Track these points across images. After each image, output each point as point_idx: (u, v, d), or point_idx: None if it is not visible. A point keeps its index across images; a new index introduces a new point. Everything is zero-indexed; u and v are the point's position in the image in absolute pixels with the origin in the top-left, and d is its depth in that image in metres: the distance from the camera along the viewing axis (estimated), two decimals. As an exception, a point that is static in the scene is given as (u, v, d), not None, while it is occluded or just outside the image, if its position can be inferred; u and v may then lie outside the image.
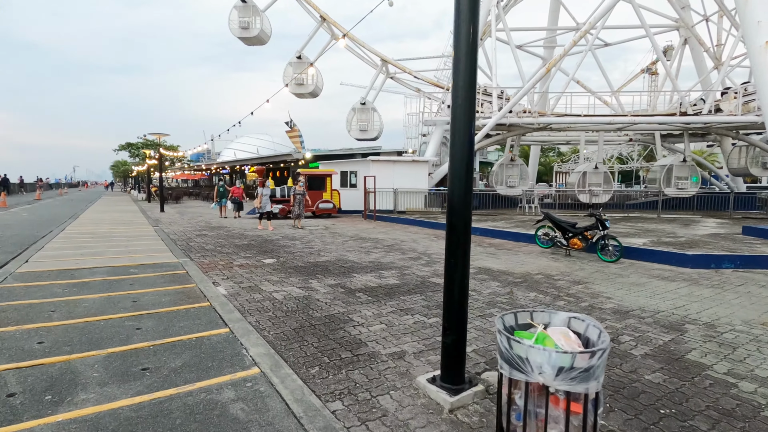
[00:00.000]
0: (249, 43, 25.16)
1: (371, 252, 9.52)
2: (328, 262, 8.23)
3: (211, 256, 8.76)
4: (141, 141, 36.27)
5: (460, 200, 2.99)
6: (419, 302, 5.43)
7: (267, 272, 7.19)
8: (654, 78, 49.05)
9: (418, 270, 7.52)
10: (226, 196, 18.33)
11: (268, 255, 8.96)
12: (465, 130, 2.95)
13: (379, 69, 23.77)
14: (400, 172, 19.23)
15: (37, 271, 6.80)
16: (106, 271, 6.91)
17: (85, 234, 11.69)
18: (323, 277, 6.81)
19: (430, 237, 12.41)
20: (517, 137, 22.72)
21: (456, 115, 2.96)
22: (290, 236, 12.14)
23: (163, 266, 7.45)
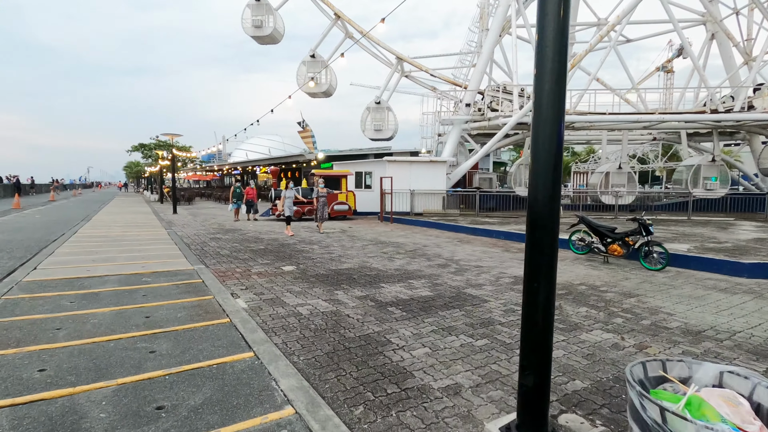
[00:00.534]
0: (262, 42, 24.82)
1: (394, 258, 8.98)
2: (352, 269, 7.71)
3: (227, 262, 8.30)
4: (154, 142, 36.22)
5: (545, 210, 2.43)
6: (460, 319, 4.87)
7: (288, 281, 6.69)
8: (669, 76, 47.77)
9: (449, 279, 6.96)
10: (241, 198, 17.71)
11: (287, 261, 8.47)
12: (553, 126, 2.39)
13: (394, 67, 23.25)
14: (417, 173, 18.67)
15: (45, 280, 6.39)
16: (118, 280, 6.47)
17: (96, 237, 11.34)
18: (349, 288, 6.29)
19: (453, 241, 11.84)
20: (537, 136, 22.03)
21: (541, 106, 2.40)
22: (307, 240, 11.66)
23: (177, 274, 7.00)
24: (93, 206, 25.24)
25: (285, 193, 13.11)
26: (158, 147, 33.77)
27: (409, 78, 24.81)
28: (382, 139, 24.27)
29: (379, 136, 23.88)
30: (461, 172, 19.81)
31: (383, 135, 23.82)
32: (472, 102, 20.22)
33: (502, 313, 5.14)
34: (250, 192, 17.66)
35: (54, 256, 8.41)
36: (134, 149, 36.56)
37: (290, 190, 13.14)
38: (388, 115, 23.72)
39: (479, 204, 18.83)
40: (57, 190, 55.97)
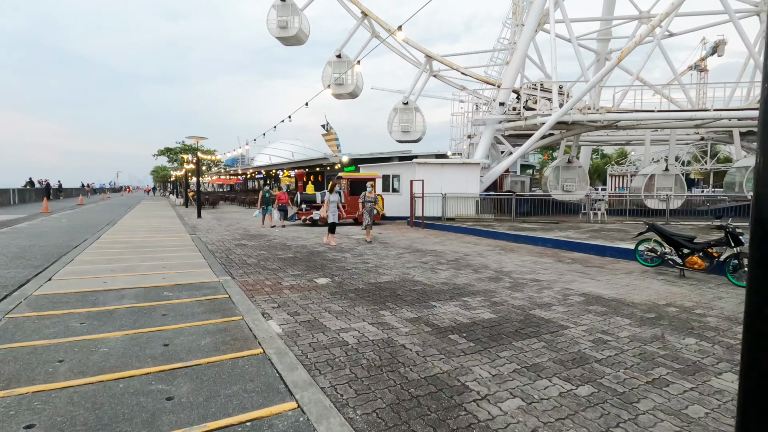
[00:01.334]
0: (287, 44, 24.36)
1: (437, 269, 8.07)
2: (393, 283, 6.84)
3: (255, 273, 7.55)
4: (179, 146, 36.35)
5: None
6: (543, 353, 3.93)
7: (324, 297, 5.86)
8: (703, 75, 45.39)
9: (508, 297, 6.01)
10: (271, 203, 16.54)
11: (320, 272, 7.67)
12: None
13: (423, 67, 22.37)
14: (449, 176, 17.69)
15: (57, 294, 5.75)
16: (136, 295, 5.78)
17: (119, 243, 10.83)
18: (396, 307, 5.42)
19: (495, 249, 10.84)
20: (576, 137, 20.76)
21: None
22: (337, 247, 10.86)
23: (201, 288, 6.27)
24: (119, 210, 25.21)
25: (329, 197, 11.64)
26: (183, 151, 33.82)
27: (437, 77, 23.88)
28: (409, 141, 23.38)
29: (407, 137, 23.01)
30: (495, 174, 18.74)
31: (411, 137, 22.94)
32: (506, 101, 19.16)
33: (591, 345, 4.17)
34: (283, 197, 16.44)
35: (72, 264, 7.84)
36: (160, 153, 36.78)
37: (334, 194, 11.70)
38: (416, 115, 22.83)
39: (515, 209, 17.71)
40: (88, 194, 57.29)
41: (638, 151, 51.08)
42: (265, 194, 16.42)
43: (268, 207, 16.42)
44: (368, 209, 12.19)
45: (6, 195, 27.65)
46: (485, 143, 19.36)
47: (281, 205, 16.29)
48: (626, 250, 9.49)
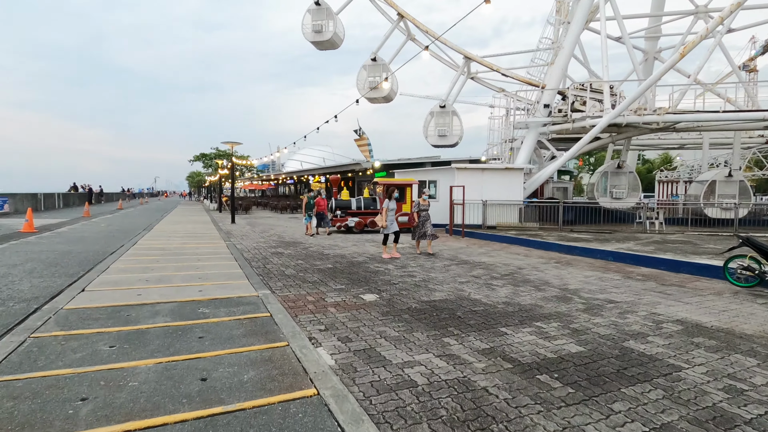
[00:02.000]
0: (321, 48, 24.11)
1: (493, 285, 7.26)
2: (449, 302, 6.09)
3: (296, 286, 6.97)
4: (213, 152, 36.90)
5: None
6: (669, 407, 3.09)
7: (375, 318, 5.18)
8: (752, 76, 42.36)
9: (588, 323, 5.15)
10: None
11: (364, 286, 7.01)
12: None
13: (461, 69, 21.58)
14: (490, 182, 16.77)
15: (88, 308, 5.31)
16: (171, 311, 5.27)
17: (154, 250, 10.55)
18: (461, 333, 4.67)
19: (549, 262, 9.90)
20: (626, 141, 19.40)
21: None
22: (376, 257, 10.19)
23: (240, 303, 5.72)
24: (156, 215, 25.54)
25: (387, 204, 10.29)
26: (218, 156, 34.21)
27: (475, 80, 23.02)
28: (446, 145, 22.59)
29: (443, 142, 22.22)
30: (539, 180, 17.67)
31: (448, 141, 22.13)
32: (551, 102, 18.09)
33: (724, 395, 3.29)
34: (322, 203, 15.55)
35: (107, 273, 7.49)
36: (196, 159, 37.44)
37: (392, 201, 10.33)
38: (453, 119, 22.04)
39: (562, 217, 16.57)
40: (128, 199, 59.34)
41: (684, 155, 48.23)
42: (309, 201, 15.28)
43: (312, 214, 15.38)
44: (423, 219, 10.83)
45: (51, 199, 28.61)
46: (528, 147, 18.33)
47: (320, 212, 15.25)
48: (706, 266, 8.37)
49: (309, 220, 15.20)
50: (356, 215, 16.64)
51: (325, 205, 15.45)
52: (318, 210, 15.24)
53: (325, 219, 15.39)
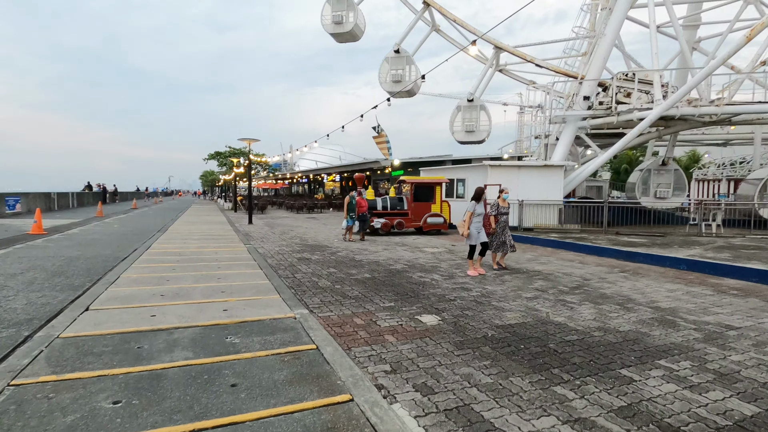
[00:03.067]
0: (341, 40, 23.03)
1: (568, 302, 6.08)
2: (529, 326, 4.94)
3: (336, 303, 5.88)
4: (228, 150, 36.16)
5: None
6: None
7: (450, 353, 4.06)
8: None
9: (725, 360, 3.96)
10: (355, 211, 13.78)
11: (416, 303, 5.89)
12: None
13: (490, 61, 20.29)
14: (527, 180, 15.51)
15: (90, 336, 4.28)
16: (192, 340, 4.21)
17: (170, 255, 9.57)
18: (573, 379, 3.52)
19: (612, 271, 8.68)
20: (672, 136, 17.95)
21: None
22: (415, 264, 9.06)
23: (275, 329, 4.64)
24: (170, 215, 24.76)
25: (473, 208, 8.13)
26: (233, 155, 33.43)
27: (503, 72, 21.69)
28: (473, 141, 21.30)
29: (471, 138, 20.94)
30: (580, 178, 16.36)
31: (475, 137, 20.85)
32: (592, 94, 16.74)
33: None
34: (363, 204, 13.96)
35: (116, 285, 6.49)
36: (210, 157, 36.74)
37: (479, 205, 8.20)
38: (480, 114, 20.76)
39: (600, 218, 15.21)
40: (145, 198, 59.25)
41: (713, 153, 45.97)
42: (351, 201, 13.48)
43: (354, 217, 13.49)
44: (504, 224, 8.79)
45: (65, 198, 28.07)
46: (565, 143, 17.00)
47: (362, 214, 13.68)
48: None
49: (351, 222, 13.42)
50: (382, 216, 15.51)
51: (366, 207, 13.91)
52: (360, 212, 13.67)
53: (367, 222, 13.89)
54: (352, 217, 13.30)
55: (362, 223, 13.69)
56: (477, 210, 8.18)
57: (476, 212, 8.18)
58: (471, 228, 8.11)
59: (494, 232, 8.64)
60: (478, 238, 8.15)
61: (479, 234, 8.18)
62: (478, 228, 8.21)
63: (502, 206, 8.84)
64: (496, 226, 8.64)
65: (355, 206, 13.35)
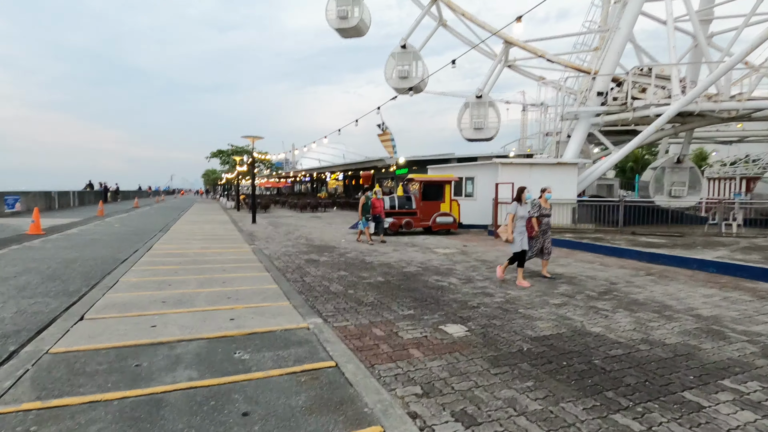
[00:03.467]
0: (346, 35, 22.60)
1: (600, 309, 5.64)
2: (566, 338, 4.49)
3: (351, 311, 5.44)
4: (231, 149, 35.74)
5: None
6: None
7: (486, 371, 3.62)
8: None
9: (802, 381, 3.50)
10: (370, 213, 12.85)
11: (437, 311, 5.45)
12: None
13: (499, 56, 19.80)
14: (540, 179, 14.98)
15: (83, 351, 3.85)
16: (197, 355, 3.78)
17: (172, 257, 9.15)
18: (633, 404, 3.07)
19: (637, 273, 8.24)
20: (688, 133, 17.44)
21: None
22: (429, 267, 8.61)
23: (287, 341, 4.20)
24: (172, 214, 24.38)
25: (515, 209, 7.27)
26: (235, 153, 33.02)
27: (512, 68, 21.22)
28: (481, 139, 20.84)
29: (479, 135, 20.48)
30: (593, 176, 15.87)
31: (484, 134, 20.39)
32: (605, 90, 16.24)
33: None
34: (378, 204, 12.96)
35: (114, 290, 6.06)
36: (213, 155, 36.34)
37: (523, 206, 7.33)
38: (489, 111, 20.29)
39: (613, 218, 14.72)
40: (152, 196, 59.00)
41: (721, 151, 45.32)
42: (367, 201, 12.66)
43: (369, 218, 12.68)
44: (546, 227, 7.76)
45: (66, 197, 27.71)
46: (578, 140, 16.51)
47: (376, 215, 12.93)
48: None
49: (366, 224, 12.64)
50: (390, 215, 15.05)
51: (382, 207, 13.16)
52: (374, 212, 12.82)
53: (382, 223, 13.12)
54: (367, 218, 12.59)
55: (378, 224, 12.94)
56: (519, 212, 7.22)
57: (518, 215, 7.19)
58: (514, 233, 7.18)
59: (536, 236, 7.60)
60: (522, 244, 7.16)
61: (523, 239, 7.19)
62: (522, 233, 7.19)
63: (544, 208, 7.71)
64: (537, 229, 7.54)
65: (371, 207, 12.62)
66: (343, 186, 53.54)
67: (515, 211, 7.26)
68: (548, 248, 7.81)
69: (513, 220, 7.21)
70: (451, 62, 17.18)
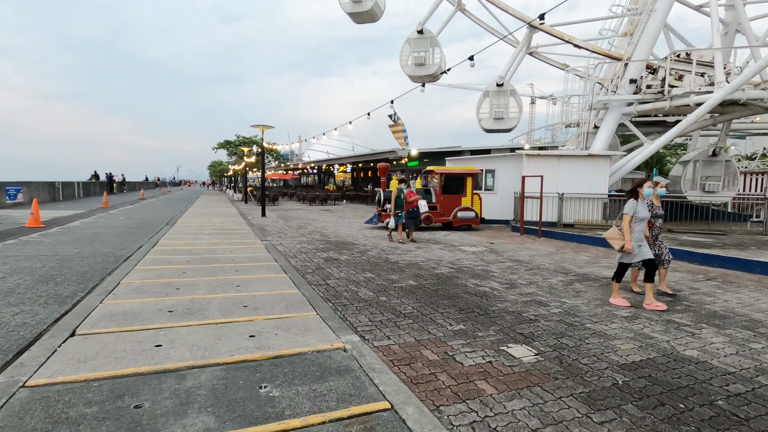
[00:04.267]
0: (359, 20, 21.59)
1: (678, 323, 4.78)
2: (659, 365, 3.65)
3: (390, 325, 4.62)
4: (238, 139, 34.94)
5: None
6: None
7: (584, 415, 2.79)
8: None
9: None
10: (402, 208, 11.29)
11: (491, 325, 4.62)
12: None
13: (523, 42, 18.73)
14: (568, 172, 14.10)
15: (70, 383, 3.06)
16: (213, 391, 2.98)
17: (179, 254, 8.37)
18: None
19: (695, 277, 7.36)
20: (726, 124, 16.36)
21: None
22: (462, 268, 7.76)
23: (323, 370, 3.39)
24: (179, 206, 23.67)
25: (633, 209, 5.56)
26: (243, 144, 32.21)
27: (533, 55, 20.16)
28: (501, 130, 19.85)
29: (499, 126, 19.48)
30: (626, 169, 14.87)
31: (504, 125, 19.39)
32: (639, 77, 15.19)
33: None
34: (413, 198, 11.59)
35: (113, 296, 5.28)
36: (220, 146, 35.55)
37: (642, 204, 5.61)
38: (510, 100, 19.28)
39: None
40: (159, 187, 58.58)
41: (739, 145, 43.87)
42: (400, 195, 11.15)
43: (401, 214, 11.15)
44: (659, 230, 6.31)
45: (71, 188, 27.09)
46: (608, 131, 15.50)
47: (411, 210, 11.54)
48: None
49: (400, 220, 11.19)
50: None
51: (417, 202, 11.62)
52: (409, 207, 11.36)
53: (416, 219, 11.61)
54: (398, 214, 11.16)
55: (412, 220, 11.56)
56: (639, 212, 5.56)
57: (638, 216, 5.57)
58: (635, 239, 5.58)
59: (648, 240, 6.09)
60: (639, 254, 5.57)
61: (641, 247, 5.58)
62: (640, 239, 5.61)
63: (656, 206, 6.25)
64: (649, 232, 6.17)
65: (404, 201, 11.23)
66: (351, 178, 52.65)
67: (634, 210, 5.56)
68: (667, 256, 6.22)
69: (631, 223, 5.57)
70: (469, 58, 16.22)
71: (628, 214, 5.57)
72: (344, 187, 45.71)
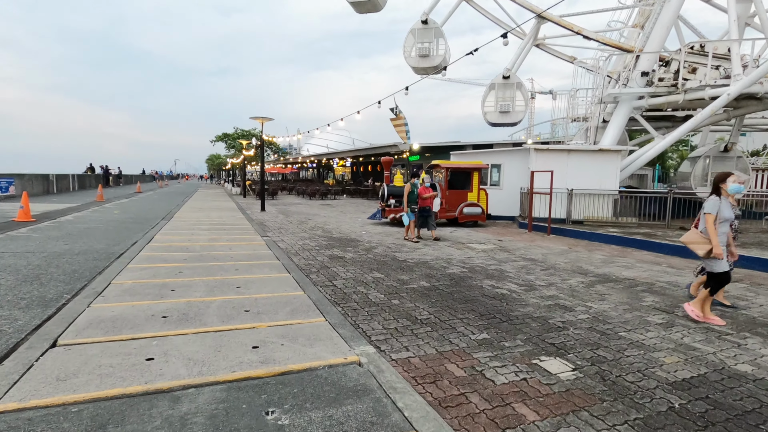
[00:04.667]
0: (362, 10, 21.00)
1: (721, 334, 4.39)
2: (712, 382, 3.25)
3: (407, 333, 4.21)
4: (237, 132, 34.36)
5: None
6: None
7: (650, 454, 2.38)
8: None
9: None
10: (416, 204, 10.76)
11: (517, 334, 4.21)
12: None
13: (530, 33, 18.23)
14: (578, 167, 13.67)
15: (44, 408, 2.63)
16: (210, 419, 2.56)
17: (175, 251, 7.92)
18: None
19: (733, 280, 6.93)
20: (739, 119, 15.93)
21: None
22: (471, 266, 7.35)
23: (339, 390, 2.97)
24: (176, 199, 23.17)
25: (716, 207, 4.71)
26: (242, 136, 31.64)
27: (540, 47, 19.67)
28: (507, 123, 19.43)
29: (505, 120, 19.05)
30: (636, 165, 14.46)
31: (510, 119, 18.95)
32: (651, 70, 14.73)
33: None
34: (428, 194, 10.76)
35: (103, 299, 4.84)
36: (218, 139, 34.98)
37: (725, 202, 4.78)
38: (516, 93, 18.82)
39: (655, 210, 13.36)
40: (157, 180, 57.99)
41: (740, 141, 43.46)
42: (413, 190, 10.66)
43: (415, 209, 10.71)
44: (735, 233, 5.56)
45: (65, 181, 26.54)
46: (618, 125, 15.06)
47: (424, 207, 10.76)
48: None
49: (413, 216, 10.66)
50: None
51: (431, 199, 10.88)
52: (422, 204, 10.66)
53: (432, 217, 10.86)
54: (413, 209, 10.63)
55: (426, 218, 10.76)
56: (723, 212, 4.72)
57: (722, 216, 4.73)
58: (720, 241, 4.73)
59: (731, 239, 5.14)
60: (721, 264, 4.70)
61: (716, 263, 4.72)
62: (723, 242, 4.82)
63: (733, 206, 5.20)
64: (732, 242, 5.16)
65: (417, 197, 10.66)
66: (351, 172, 52.13)
67: (717, 209, 4.72)
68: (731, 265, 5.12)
69: (716, 224, 4.73)
70: (472, 51, 15.70)
71: (710, 213, 4.73)
72: (344, 182, 45.22)
